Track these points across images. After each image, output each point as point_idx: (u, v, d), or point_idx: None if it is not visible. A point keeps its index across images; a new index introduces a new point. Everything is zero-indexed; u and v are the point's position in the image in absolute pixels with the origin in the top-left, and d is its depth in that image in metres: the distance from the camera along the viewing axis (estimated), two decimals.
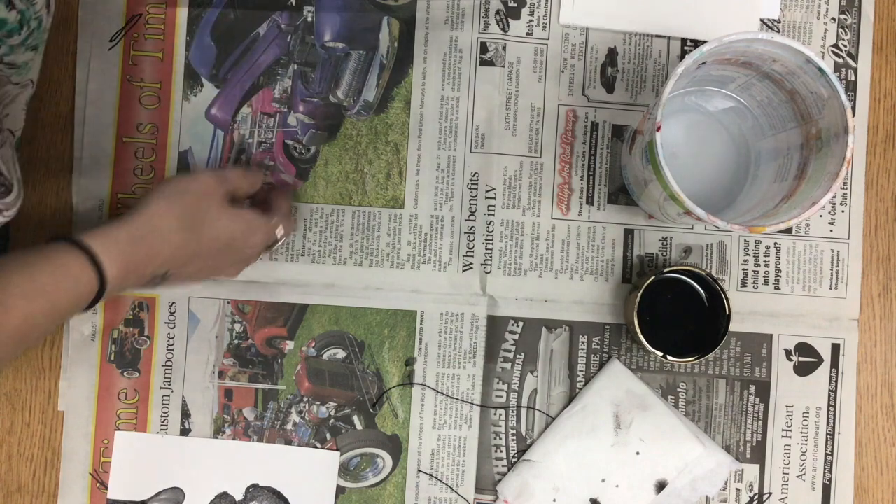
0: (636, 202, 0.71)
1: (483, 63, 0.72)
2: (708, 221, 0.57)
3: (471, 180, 0.72)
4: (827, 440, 0.71)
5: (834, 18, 0.73)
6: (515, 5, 0.72)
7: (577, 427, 0.70)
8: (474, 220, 0.71)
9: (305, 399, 0.70)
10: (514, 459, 0.71)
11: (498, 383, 0.71)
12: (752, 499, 0.71)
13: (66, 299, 0.53)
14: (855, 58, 0.73)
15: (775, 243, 0.72)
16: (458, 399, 0.71)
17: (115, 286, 0.55)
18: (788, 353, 0.72)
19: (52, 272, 0.53)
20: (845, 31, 0.73)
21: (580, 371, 0.71)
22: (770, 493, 0.71)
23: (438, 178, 0.72)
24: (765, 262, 0.72)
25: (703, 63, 0.60)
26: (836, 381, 0.72)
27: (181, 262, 0.59)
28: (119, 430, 0.70)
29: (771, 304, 0.72)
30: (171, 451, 0.70)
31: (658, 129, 0.57)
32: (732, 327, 0.68)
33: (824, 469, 0.71)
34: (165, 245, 0.57)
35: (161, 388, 0.70)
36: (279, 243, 0.67)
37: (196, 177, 0.61)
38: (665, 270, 0.67)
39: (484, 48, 0.72)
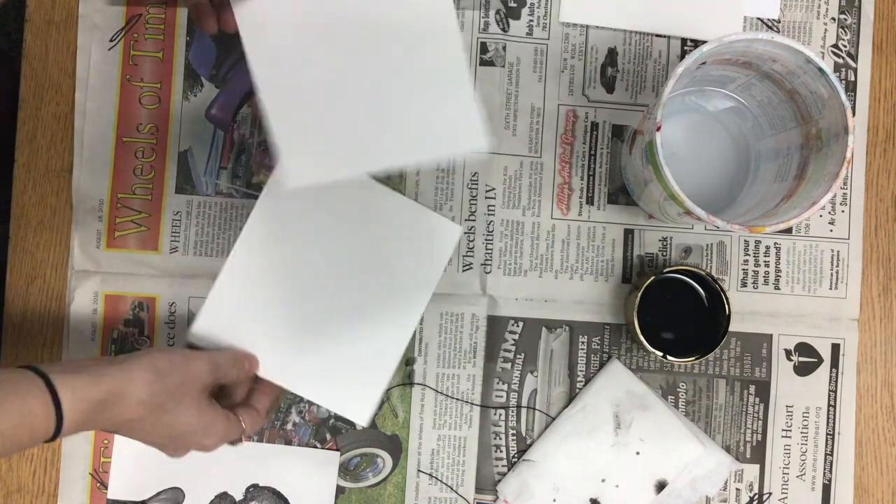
0: (636, 202, 0.71)
1: (483, 63, 0.72)
2: (708, 221, 0.57)
3: (471, 180, 0.72)
4: (827, 440, 0.71)
5: (834, 18, 0.73)
6: (515, 5, 0.72)
7: (577, 427, 0.70)
8: (474, 220, 0.71)
9: (305, 399, 0.70)
10: (514, 459, 0.71)
11: (498, 383, 0.71)
12: (752, 499, 0.71)
13: (16, 433, 0.49)
14: (855, 58, 0.73)
15: (775, 243, 0.72)
16: (458, 399, 0.71)
17: (67, 432, 0.52)
18: (788, 353, 0.72)
19: (8, 401, 0.49)
20: (845, 31, 0.73)
21: (580, 371, 0.71)
22: (770, 493, 0.71)
23: (438, 178, 0.72)
24: (765, 262, 0.72)
25: (703, 63, 0.60)
26: (836, 381, 0.72)
27: (130, 429, 0.56)
28: None
29: (771, 304, 0.72)
30: None
31: (658, 129, 0.57)
32: (732, 327, 0.68)
33: (824, 469, 0.71)
34: (125, 412, 0.54)
35: None
36: (241, 443, 0.63)
37: (190, 361, 0.58)
38: (665, 270, 0.67)
39: (484, 48, 0.72)
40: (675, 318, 0.68)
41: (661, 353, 0.66)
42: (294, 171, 0.60)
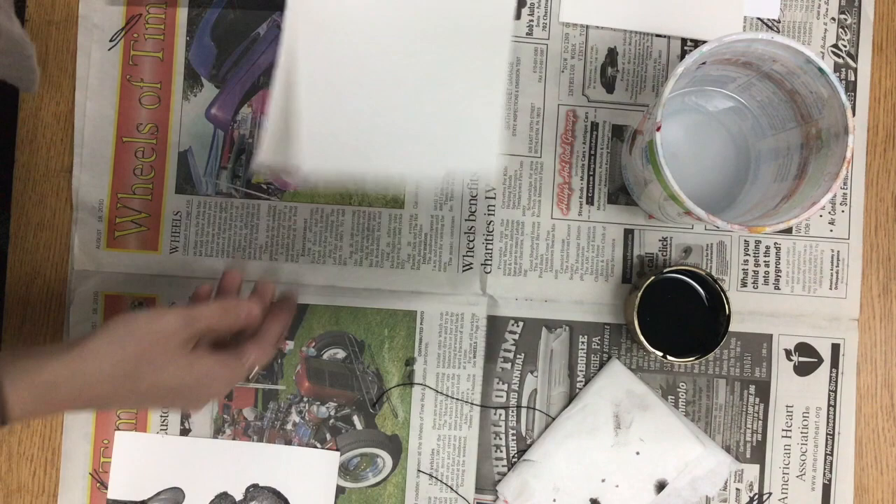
0: (636, 202, 0.71)
1: None
2: (708, 221, 0.57)
3: (471, 180, 0.72)
4: (827, 440, 0.71)
5: (834, 18, 0.73)
6: (515, 5, 0.72)
7: (577, 427, 0.70)
8: (474, 220, 0.71)
9: (305, 399, 0.70)
10: (514, 459, 0.71)
11: (498, 383, 0.71)
12: (752, 499, 0.71)
13: None
14: (855, 58, 0.73)
15: (775, 243, 0.72)
16: (458, 399, 0.71)
17: (19, 421, 0.51)
18: (788, 353, 0.72)
19: None
20: (845, 31, 0.73)
21: (580, 371, 0.71)
22: (770, 493, 0.71)
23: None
24: (765, 262, 0.72)
25: (703, 63, 0.60)
26: (836, 381, 0.72)
27: (111, 403, 0.54)
28: (119, 430, 0.70)
29: (771, 304, 0.72)
30: (171, 451, 0.70)
31: (658, 129, 0.57)
32: (732, 327, 0.68)
33: (824, 469, 0.71)
34: (93, 390, 0.52)
35: None
36: (254, 374, 0.60)
37: (157, 316, 0.54)
38: (665, 270, 0.67)
39: None
40: (675, 318, 0.68)
41: (661, 353, 0.66)
42: (268, 149, 0.58)
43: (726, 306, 0.66)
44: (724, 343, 0.69)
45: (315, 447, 0.70)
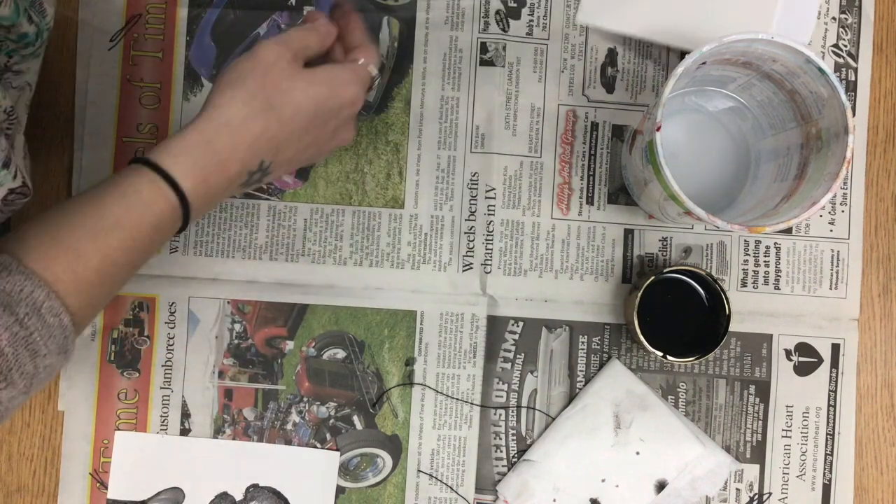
0: (636, 202, 0.71)
1: (483, 63, 0.72)
2: (708, 221, 0.57)
3: (471, 180, 0.72)
4: (827, 440, 0.71)
5: (834, 18, 0.73)
6: (515, 5, 0.72)
7: (577, 427, 0.70)
8: (474, 220, 0.72)
9: (305, 399, 0.70)
10: (514, 459, 0.71)
11: (498, 383, 0.71)
12: (752, 499, 0.71)
13: (143, 225, 0.50)
14: (855, 58, 0.73)
15: (775, 243, 0.72)
16: (458, 399, 0.71)
17: (200, 196, 0.52)
18: (788, 353, 0.72)
19: (122, 201, 0.50)
20: (845, 31, 0.73)
21: (580, 371, 0.71)
22: (770, 493, 0.71)
23: (438, 178, 0.72)
24: (765, 262, 0.72)
25: (703, 63, 0.60)
26: (836, 381, 0.72)
27: (271, 148, 0.54)
28: (119, 430, 0.70)
29: (771, 304, 0.72)
30: (171, 451, 0.70)
31: (658, 129, 0.57)
32: (732, 327, 0.68)
33: (824, 469, 0.71)
34: (243, 135, 0.52)
35: (161, 388, 0.70)
36: (376, 79, 0.61)
37: (254, 51, 0.55)
38: (665, 270, 0.67)
39: (484, 48, 0.72)
40: (675, 318, 0.68)
41: (661, 353, 0.66)
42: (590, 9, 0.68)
43: (726, 306, 0.66)
44: (724, 343, 0.69)
45: (315, 447, 0.70)
